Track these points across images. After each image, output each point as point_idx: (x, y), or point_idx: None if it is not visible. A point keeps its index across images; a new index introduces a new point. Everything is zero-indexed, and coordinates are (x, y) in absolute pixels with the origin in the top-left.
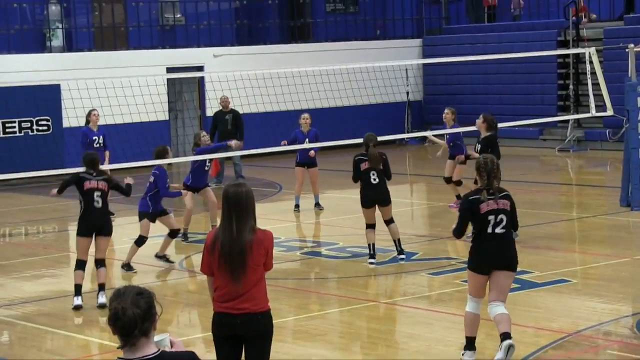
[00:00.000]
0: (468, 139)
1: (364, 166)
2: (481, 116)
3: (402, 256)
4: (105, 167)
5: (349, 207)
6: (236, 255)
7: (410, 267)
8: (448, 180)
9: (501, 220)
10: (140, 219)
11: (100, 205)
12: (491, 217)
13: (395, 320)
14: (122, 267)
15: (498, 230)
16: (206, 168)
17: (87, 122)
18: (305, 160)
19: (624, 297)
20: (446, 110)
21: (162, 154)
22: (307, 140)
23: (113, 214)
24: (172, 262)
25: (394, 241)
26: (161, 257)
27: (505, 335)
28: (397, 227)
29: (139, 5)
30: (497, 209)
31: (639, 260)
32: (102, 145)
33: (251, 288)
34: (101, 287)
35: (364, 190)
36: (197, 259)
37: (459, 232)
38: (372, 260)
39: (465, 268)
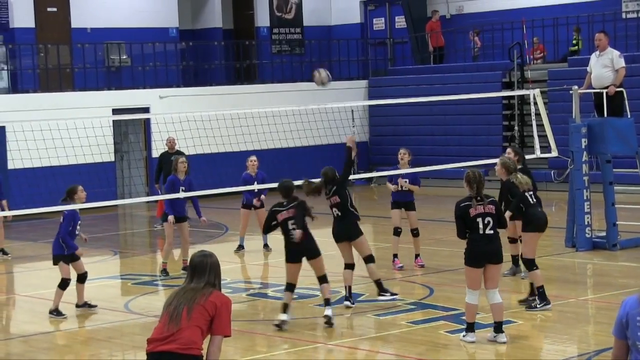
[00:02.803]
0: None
1: (329, 202)
2: (510, 149)
3: (384, 298)
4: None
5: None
6: (181, 304)
7: (357, 308)
8: (399, 231)
9: (488, 222)
10: (56, 262)
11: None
12: (479, 220)
13: None
14: (51, 312)
15: (487, 231)
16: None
17: None
18: (252, 203)
19: (569, 338)
20: (404, 151)
21: (72, 193)
22: (255, 183)
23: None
24: (94, 306)
25: (374, 282)
26: (82, 305)
27: (499, 326)
28: (375, 267)
29: (84, 46)
30: (484, 212)
31: (584, 301)
32: None
33: (185, 332)
34: (326, 301)
35: (333, 225)
36: (143, 301)
37: (460, 234)
38: (347, 303)
39: (410, 310)
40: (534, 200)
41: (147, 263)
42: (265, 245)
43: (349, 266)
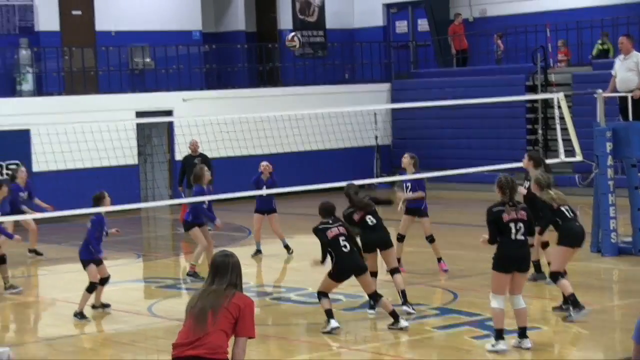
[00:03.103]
0: (431, 184)
1: (357, 217)
2: (526, 155)
3: (408, 309)
4: (55, 213)
5: (319, 252)
6: (206, 307)
7: (380, 313)
8: (401, 237)
9: (520, 227)
10: (85, 266)
11: (348, 248)
12: (512, 225)
13: None
14: (75, 315)
15: (518, 237)
16: (204, 205)
17: (13, 178)
18: (264, 207)
19: (595, 345)
20: (405, 155)
21: (99, 200)
22: (264, 187)
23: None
24: (108, 305)
25: (399, 292)
26: (97, 307)
27: (523, 332)
28: (401, 278)
29: (109, 49)
30: (516, 218)
31: (611, 307)
32: (26, 198)
33: (211, 336)
34: (394, 314)
35: (364, 234)
36: (167, 304)
37: (492, 239)
38: (372, 312)
39: (434, 315)
40: (572, 214)
41: (170, 266)
42: (286, 247)
43: (374, 274)
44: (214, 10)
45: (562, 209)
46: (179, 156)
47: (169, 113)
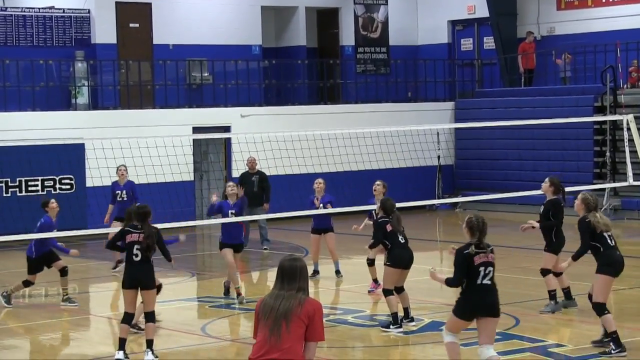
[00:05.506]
0: (495, 205)
1: (389, 228)
2: (547, 179)
3: (411, 323)
4: (108, 229)
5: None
6: (279, 314)
7: (439, 336)
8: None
9: (489, 272)
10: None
11: (139, 258)
12: (482, 269)
13: None
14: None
15: (485, 281)
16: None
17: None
18: (321, 227)
19: None
20: (378, 182)
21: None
22: (321, 205)
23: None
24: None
25: (405, 309)
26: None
27: None
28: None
29: (166, 63)
30: (487, 261)
31: None
32: (125, 199)
33: (286, 344)
34: (149, 343)
35: (395, 250)
36: (220, 324)
37: (456, 283)
38: (413, 323)
39: (495, 340)
40: (613, 242)
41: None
42: (337, 272)
43: (400, 289)
44: (275, 25)
45: (605, 235)
46: (236, 173)
47: (226, 129)
